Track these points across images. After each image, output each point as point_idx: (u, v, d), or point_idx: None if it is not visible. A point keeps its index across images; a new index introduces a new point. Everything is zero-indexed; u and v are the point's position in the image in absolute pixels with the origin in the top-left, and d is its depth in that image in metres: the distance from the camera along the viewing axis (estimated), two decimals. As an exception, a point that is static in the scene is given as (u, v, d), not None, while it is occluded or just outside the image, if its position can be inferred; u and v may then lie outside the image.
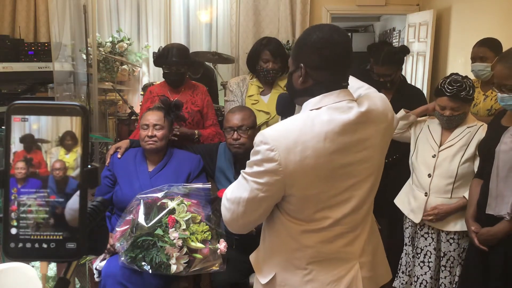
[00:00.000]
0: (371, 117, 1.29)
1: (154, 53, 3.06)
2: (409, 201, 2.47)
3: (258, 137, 1.24)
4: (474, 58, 2.75)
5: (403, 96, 2.86)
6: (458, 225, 2.32)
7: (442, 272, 2.36)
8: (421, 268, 2.41)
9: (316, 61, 1.28)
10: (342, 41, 1.28)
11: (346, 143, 1.24)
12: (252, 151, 1.26)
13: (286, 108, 1.53)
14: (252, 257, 1.47)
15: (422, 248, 2.42)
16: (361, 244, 1.35)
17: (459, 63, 4.04)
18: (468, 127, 2.33)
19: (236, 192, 1.28)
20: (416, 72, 4.76)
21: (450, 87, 2.27)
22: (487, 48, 2.69)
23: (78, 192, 0.67)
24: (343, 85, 1.31)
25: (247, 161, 1.28)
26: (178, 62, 2.86)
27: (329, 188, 1.25)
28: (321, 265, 1.31)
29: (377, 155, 1.32)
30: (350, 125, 1.24)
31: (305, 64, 1.29)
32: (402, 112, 2.51)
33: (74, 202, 0.67)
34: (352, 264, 1.34)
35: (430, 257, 2.39)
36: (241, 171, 1.30)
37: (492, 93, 2.65)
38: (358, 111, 1.26)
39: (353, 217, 1.31)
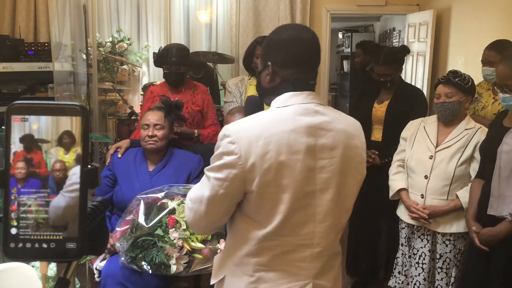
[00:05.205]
0: (336, 130, 1.25)
1: (154, 53, 3.06)
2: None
3: (222, 131, 1.22)
4: (484, 62, 2.69)
5: (403, 95, 2.86)
6: (453, 227, 2.31)
7: (438, 274, 2.35)
8: (416, 269, 2.41)
9: (283, 59, 1.28)
10: (309, 39, 1.29)
11: (309, 145, 1.20)
12: (215, 145, 1.24)
13: (255, 111, 1.51)
14: (215, 258, 1.43)
15: (418, 249, 2.41)
16: (318, 264, 1.28)
17: (459, 63, 4.04)
18: (466, 129, 2.32)
19: (199, 191, 1.26)
20: (416, 72, 4.76)
21: (445, 75, 2.34)
22: (496, 53, 2.58)
23: (63, 190, 0.67)
24: (311, 83, 1.29)
25: (211, 157, 1.26)
26: (178, 62, 2.86)
27: (288, 189, 1.20)
28: (269, 275, 1.25)
29: (336, 174, 1.25)
30: (314, 128, 1.22)
31: (272, 62, 1.29)
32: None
33: (58, 200, 0.67)
34: (304, 282, 1.26)
35: (424, 259, 2.38)
36: (204, 168, 1.27)
37: None
38: (323, 117, 1.24)
39: (311, 229, 1.25)
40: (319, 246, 1.27)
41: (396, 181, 2.51)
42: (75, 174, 0.67)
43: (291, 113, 1.23)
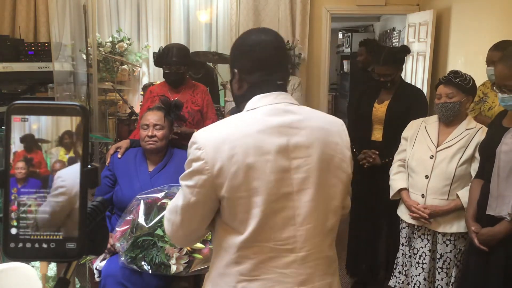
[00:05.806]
0: (310, 127, 1.21)
1: (154, 53, 3.06)
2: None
3: (191, 138, 1.21)
4: (488, 62, 2.68)
5: (403, 95, 2.86)
6: (454, 227, 2.31)
7: (438, 274, 2.36)
8: (416, 269, 2.41)
9: (246, 65, 1.27)
10: (271, 41, 1.28)
11: (280, 145, 1.17)
12: (187, 153, 1.23)
13: None
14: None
15: (418, 249, 2.41)
16: (305, 270, 1.21)
17: (459, 63, 4.04)
18: (467, 129, 2.32)
19: (174, 201, 1.24)
20: (416, 72, 4.77)
21: (446, 75, 2.34)
22: (501, 53, 2.52)
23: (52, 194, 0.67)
24: (279, 84, 1.27)
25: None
26: (178, 62, 2.86)
27: (260, 191, 1.16)
28: (251, 285, 1.20)
29: (314, 173, 1.20)
30: (285, 127, 1.18)
31: (238, 69, 1.29)
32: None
33: (45, 206, 0.67)
34: None
35: (424, 259, 2.38)
36: (179, 177, 1.25)
37: None
38: (295, 116, 1.21)
39: (291, 232, 1.19)
40: (303, 250, 1.21)
41: (396, 181, 2.51)
42: (59, 177, 0.66)
43: (259, 114, 1.21)
